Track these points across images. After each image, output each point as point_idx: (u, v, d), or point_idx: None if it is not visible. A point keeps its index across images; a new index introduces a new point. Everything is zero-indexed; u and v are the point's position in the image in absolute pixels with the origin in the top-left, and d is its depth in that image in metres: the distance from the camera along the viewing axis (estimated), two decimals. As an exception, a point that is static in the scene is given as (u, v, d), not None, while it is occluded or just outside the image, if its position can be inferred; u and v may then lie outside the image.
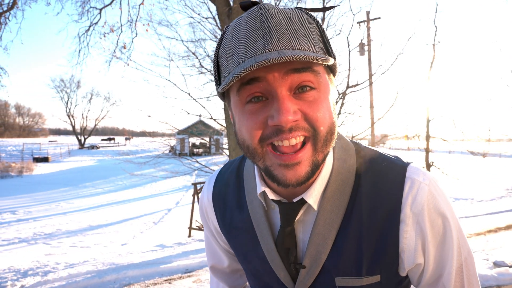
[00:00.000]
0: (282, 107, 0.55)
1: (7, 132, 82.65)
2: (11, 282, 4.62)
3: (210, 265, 0.98)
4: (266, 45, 0.55)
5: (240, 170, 0.83)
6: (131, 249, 6.94)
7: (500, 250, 5.31)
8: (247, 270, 0.83)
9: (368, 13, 12.06)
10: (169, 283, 4.50)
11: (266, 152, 0.60)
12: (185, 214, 10.25)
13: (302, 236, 0.70)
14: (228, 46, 0.60)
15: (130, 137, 61.86)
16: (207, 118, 7.99)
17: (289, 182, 0.59)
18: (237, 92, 0.59)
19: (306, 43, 0.57)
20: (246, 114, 0.60)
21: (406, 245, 0.65)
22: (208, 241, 0.95)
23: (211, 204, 0.86)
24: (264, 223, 0.73)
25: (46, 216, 11.38)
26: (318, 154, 0.60)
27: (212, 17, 8.79)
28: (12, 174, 23.41)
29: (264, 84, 0.57)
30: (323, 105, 0.59)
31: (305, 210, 0.70)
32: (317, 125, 0.58)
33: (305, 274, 0.69)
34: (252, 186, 0.76)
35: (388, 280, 0.69)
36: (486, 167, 20.46)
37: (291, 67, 0.56)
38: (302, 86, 0.58)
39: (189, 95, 7.73)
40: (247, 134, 0.60)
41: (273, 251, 0.72)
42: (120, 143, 61.90)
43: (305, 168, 0.59)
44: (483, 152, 11.80)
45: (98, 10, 8.43)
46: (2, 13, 6.98)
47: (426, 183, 0.65)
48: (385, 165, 0.69)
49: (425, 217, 0.64)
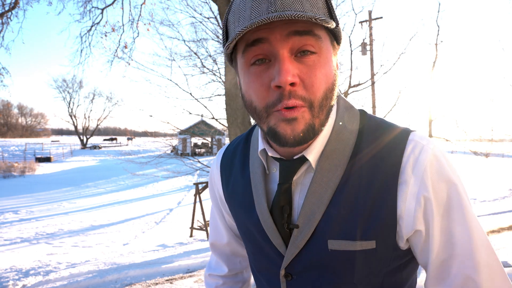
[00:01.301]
0: (282, 68, 0.58)
1: (9, 132, 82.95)
2: (13, 281, 4.62)
3: (211, 242, 0.99)
4: (270, 6, 0.57)
5: (249, 137, 0.86)
6: (133, 249, 6.94)
7: (503, 251, 5.28)
8: (244, 238, 0.83)
9: (370, 13, 12.02)
10: (171, 283, 4.49)
11: (271, 114, 0.62)
12: (187, 214, 10.25)
13: (298, 198, 0.70)
14: (236, 10, 0.63)
15: (132, 137, 61.80)
16: (209, 118, 8.00)
17: (288, 137, 0.61)
18: (242, 54, 0.62)
19: (309, 6, 0.59)
20: (251, 76, 0.62)
21: (404, 210, 0.62)
22: (213, 216, 0.97)
23: (218, 171, 0.88)
24: (261, 183, 0.74)
25: (48, 216, 11.39)
26: (315, 119, 0.61)
27: (213, 17, 8.79)
28: (15, 174, 23.47)
29: (266, 45, 0.59)
30: (321, 71, 0.60)
31: (305, 170, 0.70)
32: (312, 90, 0.60)
33: (298, 234, 0.68)
34: (255, 148, 0.78)
35: (385, 249, 0.64)
36: (489, 167, 20.38)
37: (292, 29, 0.58)
38: (303, 50, 0.59)
39: (191, 95, 7.74)
40: (255, 96, 0.62)
41: (266, 211, 0.72)
42: (122, 143, 62.06)
43: (301, 125, 0.60)
44: (485, 152, 11.76)
45: (100, 10, 8.44)
46: (4, 13, 6.99)
47: (430, 147, 0.63)
48: (389, 128, 0.68)
49: (427, 180, 0.61)
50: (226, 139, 20.14)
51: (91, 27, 8.54)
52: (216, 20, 8.66)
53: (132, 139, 64.00)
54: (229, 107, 6.17)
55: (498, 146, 29.13)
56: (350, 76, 7.60)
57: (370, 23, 11.90)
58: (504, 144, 32.66)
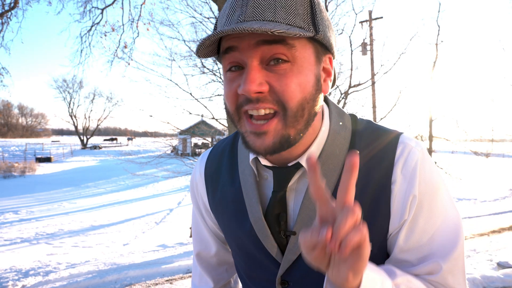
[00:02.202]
0: (247, 77, 0.58)
1: (10, 132, 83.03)
2: (13, 282, 4.62)
3: (196, 252, 0.94)
4: (240, 15, 0.58)
5: (235, 142, 0.83)
6: (133, 249, 6.93)
7: (504, 251, 5.27)
8: (234, 247, 0.81)
9: (370, 13, 12.01)
10: (171, 283, 4.48)
11: (242, 119, 0.63)
12: (187, 214, 10.25)
13: (293, 205, 0.70)
14: (221, 14, 0.64)
15: (132, 137, 61.79)
16: (209, 118, 7.99)
17: (257, 150, 0.62)
18: (222, 61, 0.64)
19: (283, 14, 0.58)
20: (226, 81, 0.64)
21: (395, 208, 0.65)
22: (196, 224, 0.93)
23: (202, 179, 0.85)
24: (254, 191, 0.73)
25: (48, 216, 11.40)
26: (289, 129, 0.60)
27: (214, 17, 8.78)
28: (15, 174, 23.48)
29: (237, 53, 0.59)
30: (293, 80, 0.59)
31: (299, 177, 0.70)
32: (284, 99, 0.59)
33: (296, 241, 0.68)
34: (245, 156, 0.77)
35: (380, 251, 0.67)
36: (489, 167, 20.37)
37: (261, 38, 0.57)
38: (275, 58, 0.59)
39: (191, 95, 7.73)
40: (227, 100, 0.64)
41: (261, 220, 0.71)
42: (122, 143, 62.07)
43: (272, 139, 0.60)
44: (486, 152, 11.76)
45: (100, 10, 8.43)
46: (4, 13, 6.99)
47: (418, 149, 0.67)
48: (380, 132, 0.71)
49: (414, 180, 0.64)
50: (226, 139, 20.05)
51: (91, 27, 8.53)
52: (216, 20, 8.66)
53: (132, 139, 63.98)
54: (229, 107, 6.16)
55: (499, 146, 29.13)
56: (350, 76, 7.60)
57: (371, 23, 11.89)
58: (505, 144, 32.65)
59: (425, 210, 0.65)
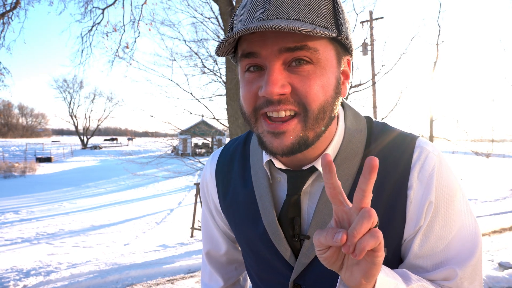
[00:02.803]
0: (270, 79, 0.56)
1: (10, 132, 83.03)
2: (14, 282, 4.62)
3: (206, 251, 0.94)
4: (263, 13, 0.55)
5: (247, 143, 0.82)
6: (134, 249, 6.93)
7: (505, 251, 5.26)
8: (246, 249, 0.80)
9: (371, 13, 12.02)
10: (172, 283, 4.48)
11: (259, 120, 0.61)
12: (188, 214, 10.24)
13: (307, 208, 0.69)
14: (239, 12, 0.62)
15: (132, 137, 61.82)
16: (209, 118, 7.98)
17: (275, 150, 0.60)
18: (239, 61, 0.62)
19: (307, 13, 0.56)
20: (244, 82, 0.62)
21: (411, 213, 0.64)
22: (206, 223, 0.92)
23: (213, 179, 0.84)
24: (268, 194, 0.72)
25: (48, 216, 11.39)
26: (308, 131, 0.60)
27: (214, 17, 8.78)
28: (15, 174, 23.48)
29: (258, 59, 0.59)
30: (316, 81, 0.58)
31: (313, 180, 0.69)
32: (306, 101, 0.58)
33: (310, 245, 0.67)
34: (258, 158, 0.76)
35: (394, 254, 0.67)
36: (490, 167, 20.35)
37: (284, 46, 0.56)
38: (298, 59, 0.58)
39: (191, 95, 7.74)
40: (245, 102, 0.62)
41: (275, 223, 0.70)
42: (123, 143, 62.04)
43: (290, 139, 0.59)
44: (486, 152, 11.76)
45: (101, 10, 8.44)
46: (5, 13, 6.99)
47: (435, 154, 0.66)
48: (396, 135, 0.70)
49: (431, 185, 0.63)
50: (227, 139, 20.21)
51: (92, 27, 8.54)
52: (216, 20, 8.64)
53: (132, 139, 64.02)
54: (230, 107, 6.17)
55: (499, 146, 29.11)
56: (351, 76, 7.59)
57: (371, 23, 11.89)
58: (505, 144, 32.64)
59: (441, 216, 0.64)
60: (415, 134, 0.70)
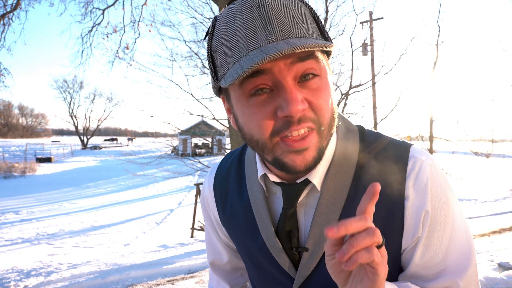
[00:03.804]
0: (291, 97, 0.55)
1: (10, 132, 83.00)
2: (14, 282, 4.63)
3: (210, 261, 0.95)
4: (269, 35, 0.54)
5: (242, 157, 0.83)
6: (134, 249, 6.94)
7: (504, 252, 5.27)
8: (247, 261, 0.81)
9: (371, 13, 12.02)
10: (172, 283, 4.49)
11: (277, 143, 0.59)
12: (188, 215, 10.24)
13: (304, 220, 0.70)
14: (224, 38, 0.59)
15: (132, 138, 61.79)
16: (209, 118, 7.99)
17: (298, 168, 0.60)
18: (239, 86, 0.58)
19: (306, 30, 0.58)
20: (253, 107, 0.58)
21: (408, 223, 0.65)
22: (209, 236, 0.94)
23: (212, 194, 0.86)
24: (264, 207, 0.72)
25: (49, 216, 11.39)
26: (324, 141, 0.61)
27: (214, 17, 8.78)
28: (15, 175, 23.48)
29: (269, 76, 0.56)
30: (325, 92, 0.59)
31: (308, 191, 0.69)
32: (321, 113, 0.59)
33: (308, 257, 0.68)
34: (252, 171, 0.76)
35: (392, 265, 0.67)
36: (490, 167, 20.36)
37: (296, 56, 0.56)
38: (305, 74, 0.58)
39: (191, 95, 7.73)
40: (257, 128, 0.59)
41: (273, 236, 0.70)
42: (123, 144, 61.99)
43: (312, 153, 0.59)
44: (486, 153, 11.76)
45: (101, 10, 8.45)
46: (6, 14, 7.00)
47: (429, 163, 0.66)
48: (388, 145, 0.70)
49: (427, 195, 0.64)
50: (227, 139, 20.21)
51: (92, 28, 8.55)
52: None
53: (132, 139, 63.95)
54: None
55: (499, 147, 29.10)
56: (351, 76, 7.60)
57: (371, 23, 11.90)
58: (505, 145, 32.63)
59: (439, 225, 0.65)
60: (408, 142, 0.71)
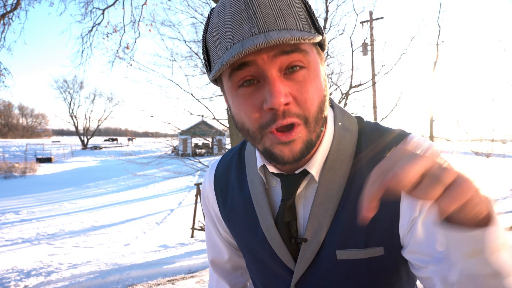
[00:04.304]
0: (273, 90, 0.56)
1: (10, 132, 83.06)
2: (14, 282, 4.63)
3: (211, 259, 0.95)
4: (252, 27, 0.55)
5: (242, 152, 0.83)
6: (134, 249, 6.94)
7: (505, 251, 5.27)
8: (247, 256, 0.81)
9: (371, 13, 12.02)
10: (172, 283, 4.49)
11: (266, 135, 0.60)
12: (188, 215, 10.24)
13: (303, 212, 0.70)
14: (215, 30, 0.60)
15: (132, 138, 61.87)
16: (209, 118, 7.98)
17: (286, 158, 0.60)
18: (228, 77, 0.60)
19: (293, 21, 0.57)
20: (241, 98, 0.60)
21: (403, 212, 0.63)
22: (209, 233, 0.94)
23: (212, 189, 0.86)
24: (264, 199, 0.73)
25: (49, 216, 11.40)
26: (312, 134, 0.61)
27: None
28: (16, 175, 23.50)
29: (254, 68, 0.57)
30: (312, 85, 0.59)
31: (307, 183, 0.69)
32: (306, 107, 0.59)
33: (307, 248, 0.67)
34: (253, 164, 0.77)
35: (393, 254, 0.65)
36: (490, 167, 20.36)
37: (279, 49, 0.56)
38: (292, 66, 0.58)
39: (191, 95, 7.72)
40: (246, 118, 0.61)
41: (272, 228, 0.70)
42: (123, 144, 62.00)
43: (299, 145, 0.60)
44: (487, 153, 11.76)
45: (101, 10, 8.46)
46: (6, 14, 7.00)
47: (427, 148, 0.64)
48: (386, 133, 0.69)
49: None
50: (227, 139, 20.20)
51: (92, 28, 8.55)
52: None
53: (132, 139, 64.01)
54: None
55: (499, 147, 29.06)
56: (351, 76, 7.60)
57: (371, 23, 11.90)
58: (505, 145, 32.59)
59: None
60: (406, 131, 0.70)
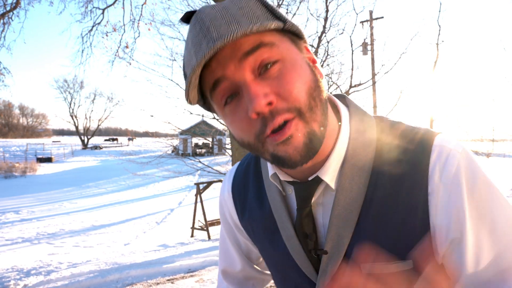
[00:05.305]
0: (250, 95, 0.53)
1: (10, 132, 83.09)
2: (14, 281, 4.63)
3: (222, 269, 0.91)
4: (209, 42, 0.53)
5: (258, 158, 0.79)
6: (134, 249, 6.94)
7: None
8: (270, 266, 0.78)
9: (371, 13, 12.02)
10: (172, 283, 4.49)
11: (265, 141, 0.56)
12: (188, 214, 10.25)
13: (322, 220, 0.64)
14: (186, 61, 0.60)
15: (133, 138, 61.82)
16: (209, 118, 8.01)
17: (293, 157, 0.55)
18: (213, 100, 0.59)
19: (247, 22, 0.54)
20: (229, 116, 0.58)
21: (437, 222, 0.57)
22: (223, 241, 0.90)
23: (231, 197, 0.82)
24: (282, 207, 0.68)
25: (49, 216, 11.41)
26: (311, 123, 0.55)
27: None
28: (16, 174, 23.52)
29: (227, 82, 0.55)
30: (292, 75, 0.55)
31: (323, 190, 0.64)
32: (292, 98, 0.54)
33: (328, 260, 0.63)
34: (267, 171, 0.72)
35: (423, 267, 0.59)
36: (490, 167, 20.35)
37: (241, 52, 0.54)
38: (264, 64, 0.55)
39: (191, 95, 7.71)
40: (241, 133, 0.58)
41: (293, 238, 0.66)
42: (123, 143, 62.02)
43: (301, 139, 0.54)
44: (487, 152, 11.75)
45: (101, 10, 8.46)
46: (5, 13, 7.01)
47: (458, 151, 0.57)
48: (410, 133, 0.62)
49: (458, 186, 0.55)
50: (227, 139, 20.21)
51: (92, 27, 8.55)
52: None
53: (133, 139, 63.99)
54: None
55: (500, 146, 29.07)
56: (351, 76, 7.61)
57: (371, 23, 11.90)
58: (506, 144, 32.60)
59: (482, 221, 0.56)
60: (433, 131, 0.62)
